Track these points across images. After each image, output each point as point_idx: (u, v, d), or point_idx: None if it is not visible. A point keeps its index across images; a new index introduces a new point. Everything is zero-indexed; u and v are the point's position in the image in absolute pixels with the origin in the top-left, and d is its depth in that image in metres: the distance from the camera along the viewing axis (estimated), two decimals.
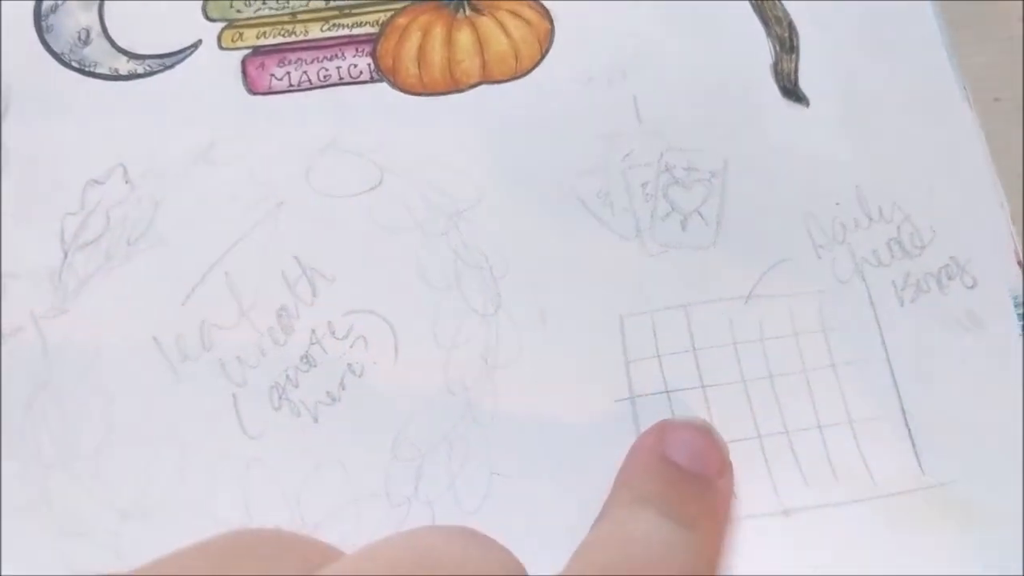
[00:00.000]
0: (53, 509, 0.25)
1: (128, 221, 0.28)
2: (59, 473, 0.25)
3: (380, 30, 0.31)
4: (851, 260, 0.27)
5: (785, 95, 0.30)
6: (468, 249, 0.28)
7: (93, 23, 0.31)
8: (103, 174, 0.29)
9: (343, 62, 0.30)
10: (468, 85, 0.30)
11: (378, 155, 0.29)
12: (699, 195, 0.28)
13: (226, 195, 0.28)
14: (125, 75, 0.30)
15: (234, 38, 0.31)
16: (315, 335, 0.27)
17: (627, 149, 0.29)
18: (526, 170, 0.29)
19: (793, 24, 0.31)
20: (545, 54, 0.30)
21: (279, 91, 0.30)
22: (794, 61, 0.30)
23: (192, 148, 0.29)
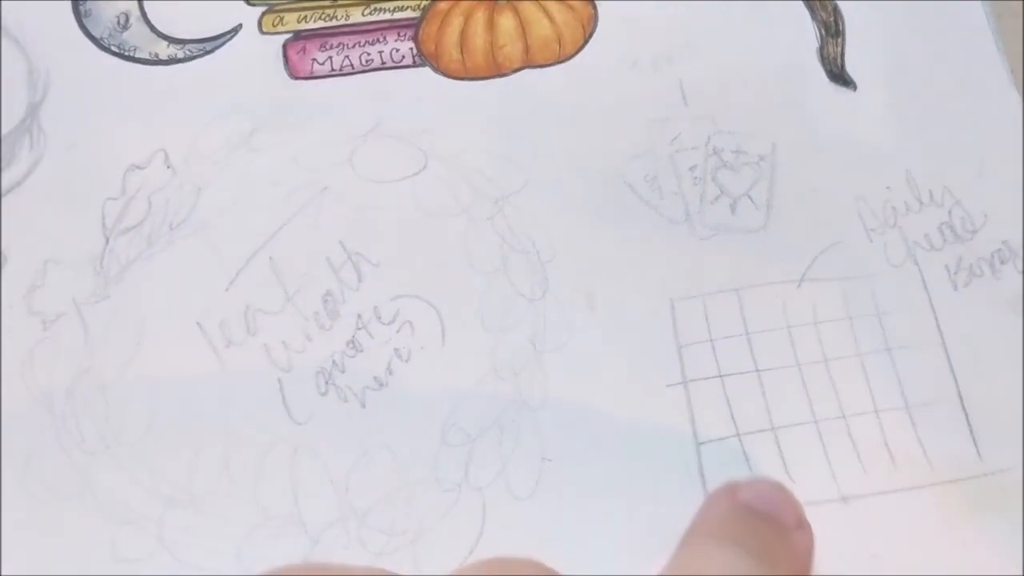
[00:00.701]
0: (98, 497, 0.24)
1: (170, 206, 0.28)
2: (103, 460, 0.25)
3: (422, 14, 0.31)
4: (903, 244, 0.27)
5: (832, 79, 0.29)
6: (514, 234, 0.27)
7: (132, 8, 0.31)
8: (144, 159, 0.28)
9: (385, 47, 0.30)
10: (511, 70, 0.30)
11: (422, 140, 0.29)
12: (748, 178, 0.28)
13: (269, 180, 0.28)
14: (165, 60, 0.30)
15: (275, 22, 0.30)
16: (361, 320, 0.26)
17: (674, 133, 0.29)
18: (572, 155, 0.28)
19: (838, 8, 0.30)
20: (589, 38, 0.30)
21: (321, 76, 0.30)
22: (840, 45, 0.30)
23: (234, 133, 0.29)
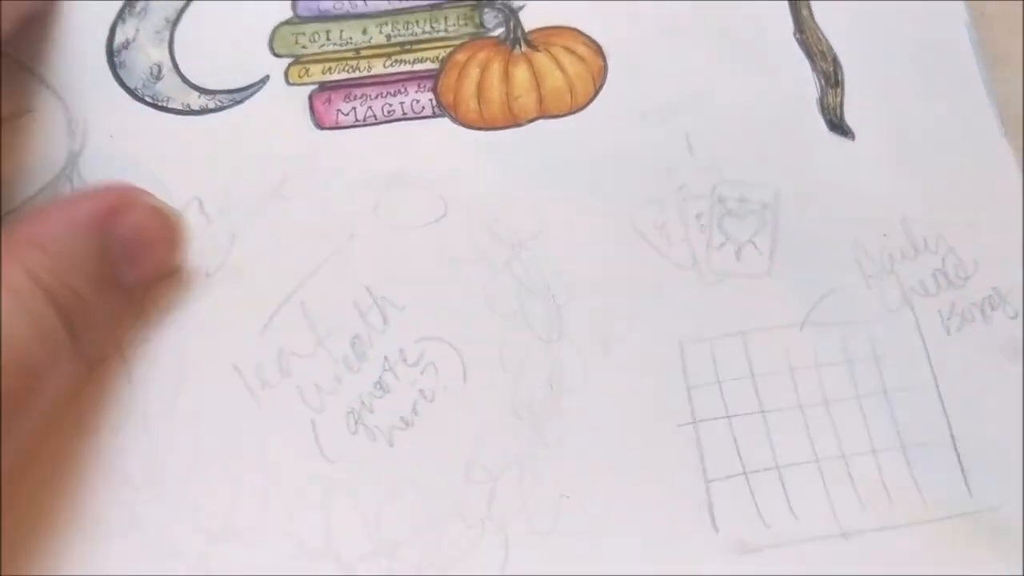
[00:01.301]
0: (145, 532, 0.26)
1: (206, 253, 0.29)
2: (148, 496, 0.26)
3: (440, 66, 0.32)
4: (899, 290, 0.29)
5: (832, 129, 0.31)
6: (531, 278, 0.29)
7: (164, 59, 0.32)
8: (180, 207, 0.30)
9: (406, 97, 0.32)
10: (526, 120, 0.31)
11: (442, 188, 0.30)
12: (752, 226, 0.30)
13: (299, 228, 0.30)
14: (197, 110, 0.31)
15: (301, 74, 0.32)
16: (387, 362, 0.28)
17: (681, 182, 0.30)
18: (585, 202, 0.30)
19: (837, 59, 0.32)
20: (599, 90, 0.32)
21: (346, 126, 0.31)
22: (839, 95, 0.31)
23: (265, 182, 0.30)
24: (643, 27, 0.32)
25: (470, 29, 0.32)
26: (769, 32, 0.32)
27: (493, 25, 0.32)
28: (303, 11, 0.33)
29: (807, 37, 0.32)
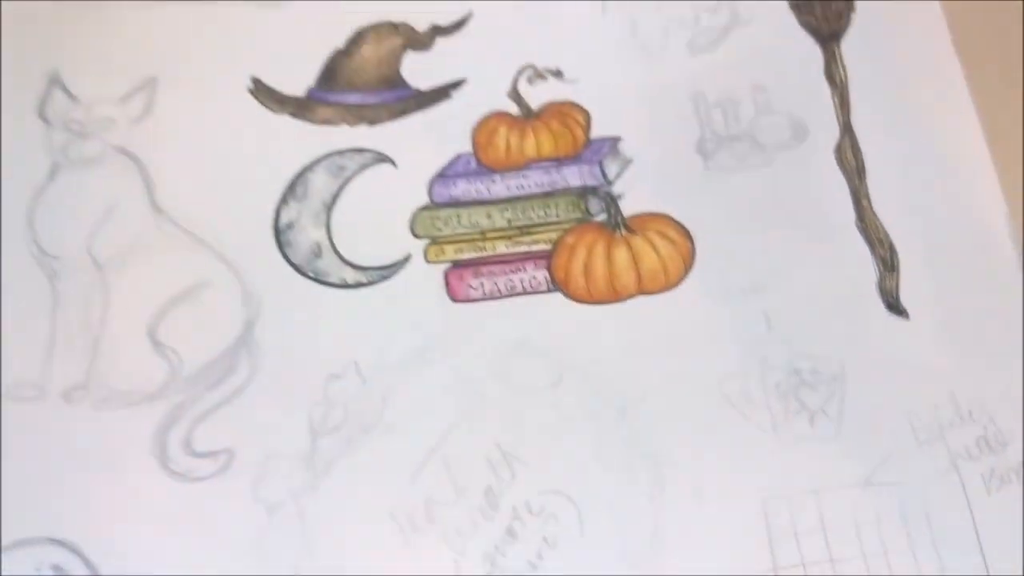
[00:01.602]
0: None
1: (363, 412, 0.35)
2: None
3: (553, 247, 0.38)
4: (947, 454, 0.34)
5: (889, 309, 0.37)
6: (636, 437, 0.35)
7: (323, 239, 0.38)
8: (340, 370, 0.36)
9: (525, 274, 0.38)
10: (627, 296, 0.37)
11: (558, 355, 0.36)
12: (823, 395, 0.35)
13: (439, 390, 0.35)
14: (352, 284, 0.38)
15: (437, 253, 0.38)
16: (516, 511, 0.34)
17: (762, 355, 0.36)
18: (679, 370, 0.36)
19: (894, 246, 0.37)
20: (689, 270, 0.37)
21: (475, 299, 0.37)
22: (895, 279, 0.37)
23: (410, 348, 0.36)
24: (725, 216, 0.38)
25: (577, 215, 0.38)
26: (834, 221, 0.38)
27: (597, 211, 0.38)
28: (438, 198, 0.39)
29: (867, 226, 0.38)
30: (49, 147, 0.40)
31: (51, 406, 0.35)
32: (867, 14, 0.41)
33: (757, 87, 0.40)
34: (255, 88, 0.41)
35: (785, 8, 0.42)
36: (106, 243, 0.38)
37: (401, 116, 0.40)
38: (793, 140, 0.39)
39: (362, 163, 0.39)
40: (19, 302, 0.37)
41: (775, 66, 0.40)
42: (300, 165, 0.39)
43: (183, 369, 0.36)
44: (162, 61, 0.41)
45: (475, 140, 0.40)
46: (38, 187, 0.39)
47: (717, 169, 0.39)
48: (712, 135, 0.39)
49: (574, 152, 0.39)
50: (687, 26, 0.41)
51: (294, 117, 0.40)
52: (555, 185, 0.39)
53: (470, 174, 0.39)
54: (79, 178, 0.39)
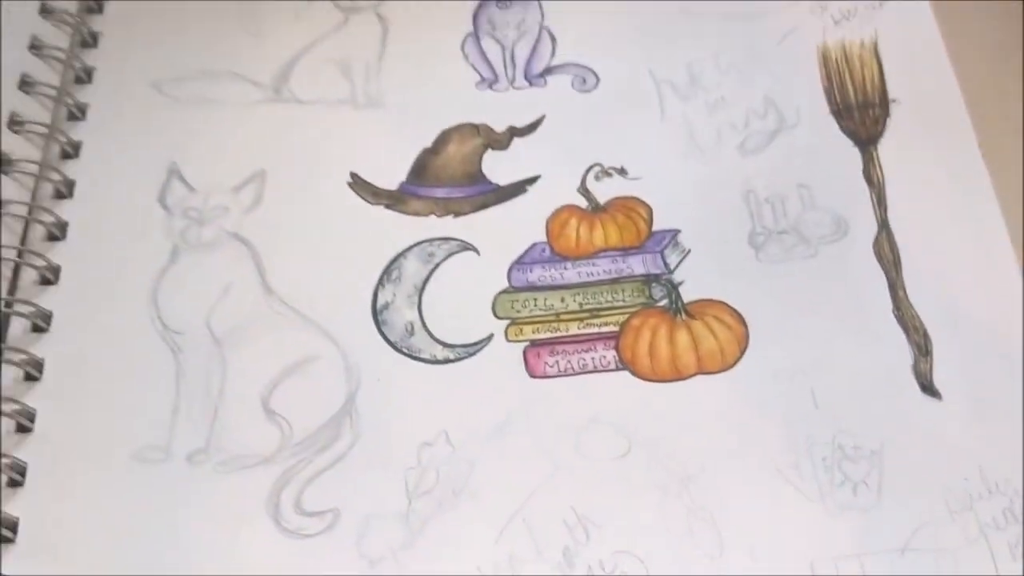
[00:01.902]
0: None
1: (452, 476, 0.40)
2: None
3: (620, 329, 0.43)
4: (977, 524, 0.38)
5: (923, 391, 0.41)
6: (697, 506, 0.39)
7: (415, 319, 0.43)
8: (432, 437, 0.40)
9: (595, 354, 0.42)
10: (688, 375, 0.42)
11: (626, 429, 0.40)
12: (864, 468, 0.39)
13: (521, 458, 0.40)
14: (441, 360, 0.42)
15: (516, 333, 0.43)
16: (590, 569, 0.38)
17: (808, 431, 0.40)
18: (736, 444, 0.40)
19: (928, 332, 0.42)
20: (744, 351, 0.42)
21: (551, 376, 0.42)
22: (929, 363, 0.41)
23: (493, 419, 0.41)
24: (775, 303, 0.42)
25: (642, 300, 0.43)
26: (873, 309, 0.42)
27: (660, 297, 0.43)
28: (516, 283, 0.44)
29: (903, 314, 0.42)
30: (170, 232, 0.45)
31: (175, 468, 0.40)
32: (901, 121, 0.46)
33: (802, 185, 0.45)
34: (353, 182, 0.46)
35: (827, 114, 0.46)
36: (223, 320, 0.43)
37: (483, 208, 0.45)
38: (835, 234, 0.44)
39: (449, 250, 0.44)
40: (147, 374, 0.42)
41: (818, 166, 0.45)
42: (394, 252, 0.44)
43: (293, 436, 0.40)
44: (270, 156, 0.47)
45: (549, 230, 0.45)
46: (161, 269, 0.44)
47: (767, 260, 0.43)
48: (762, 228, 0.44)
49: (638, 243, 0.44)
50: (738, 130, 0.46)
51: (388, 208, 0.45)
52: (621, 272, 0.43)
53: (545, 261, 0.44)
54: (197, 260, 0.44)
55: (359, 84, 0.48)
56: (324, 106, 0.48)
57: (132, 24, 0.51)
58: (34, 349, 0.42)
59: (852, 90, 0.47)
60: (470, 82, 0.48)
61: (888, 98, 0.46)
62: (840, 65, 0.47)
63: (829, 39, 0.48)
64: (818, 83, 0.47)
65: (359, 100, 0.47)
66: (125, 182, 0.46)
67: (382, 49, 0.49)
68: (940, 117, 0.46)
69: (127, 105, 0.48)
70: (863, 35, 0.48)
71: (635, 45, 0.49)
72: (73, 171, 0.47)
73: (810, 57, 0.48)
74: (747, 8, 0.49)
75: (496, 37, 0.49)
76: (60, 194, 0.46)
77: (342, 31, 0.49)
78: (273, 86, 0.48)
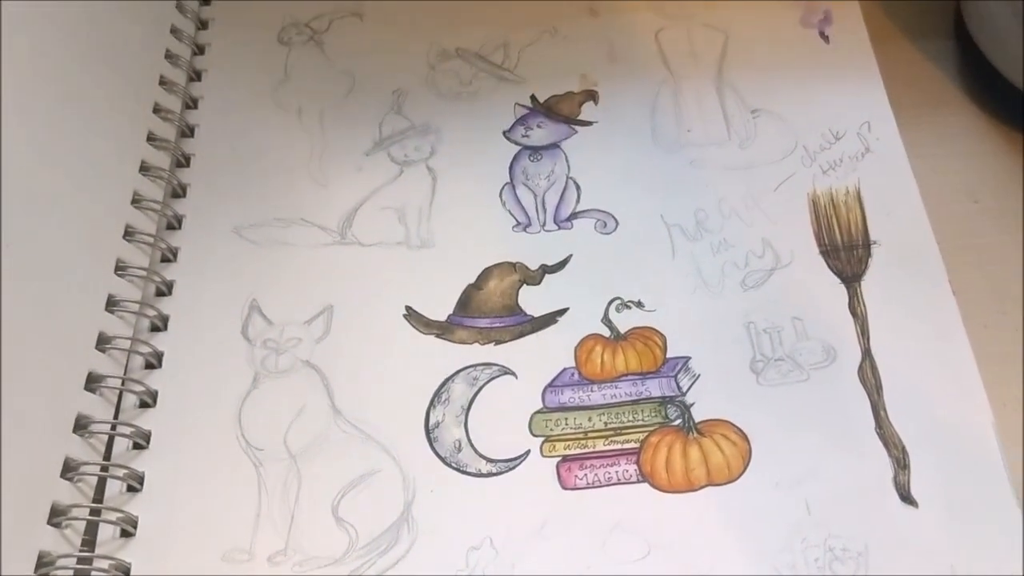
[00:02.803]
0: None
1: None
2: None
3: (640, 445, 0.49)
4: None
5: (902, 500, 0.47)
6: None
7: (463, 436, 0.50)
8: (478, 543, 0.47)
9: (619, 468, 0.49)
10: (699, 486, 0.48)
11: (646, 534, 0.47)
12: (851, 567, 0.45)
13: (556, 560, 0.46)
14: (485, 473, 0.49)
15: (550, 449, 0.50)
16: None
17: (804, 535, 0.47)
18: (741, 548, 0.46)
19: (906, 448, 0.48)
20: (747, 465, 0.49)
21: (581, 487, 0.49)
22: (907, 475, 0.48)
23: (530, 526, 0.47)
24: (774, 422, 0.49)
25: (659, 419, 0.50)
26: (858, 427, 0.49)
27: (674, 417, 0.50)
28: (549, 403, 0.51)
29: (884, 432, 0.49)
30: (252, 361, 0.52)
31: (258, 567, 0.47)
32: (881, 260, 0.53)
33: (796, 317, 0.52)
34: (408, 314, 0.53)
35: (816, 254, 0.54)
36: (298, 438, 0.50)
37: (520, 337, 0.53)
38: (825, 361, 0.51)
39: (491, 375, 0.51)
40: (233, 485, 0.49)
41: (809, 301, 0.52)
42: (444, 376, 0.51)
43: (359, 540, 0.47)
44: (337, 292, 0.54)
45: (577, 356, 0.52)
46: (244, 393, 0.51)
47: (767, 384, 0.50)
48: (762, 356, 0.51)
49: (655, 368, 0.51)
50: (739, 268, 0.54)
51: (438, 337, 0.53)
52: (640, 395, 0.50)
53: (574, 384, 0.51)
54: (275, 385, 0.52)
55: (412, 228, 0.55)
56: (383, 248, 0.55)
57: (216, 177, 0.59)
58: (135, 464, 0.49)
59: (839, 232, 0.54)
60: (507, 225, 0.56)
61: (870, 239, 0.54)
62: (828, 210, 0.55)
63: (818, 187, 0.55)
64: (808, 226, 0.54)
65: (413, 242, 0.55)
66: (212, 317, 0.54)
67: (432, 197, 0.56)
68: (915, 256, 0.53)
69: (212, 248, 0.56)
70: (847, 183, 0.55)
71: (649, 194, 0.56)
72: (168, 308, 0.54)
73: (801, 203, 0.55)
74: (746, 159, 0.57)
75: (529, 186, 0.57)
76: (155, 327, 0.53)
77: (397, 181, 0.57)
78: (339, 231, 0.55)
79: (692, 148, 0.58)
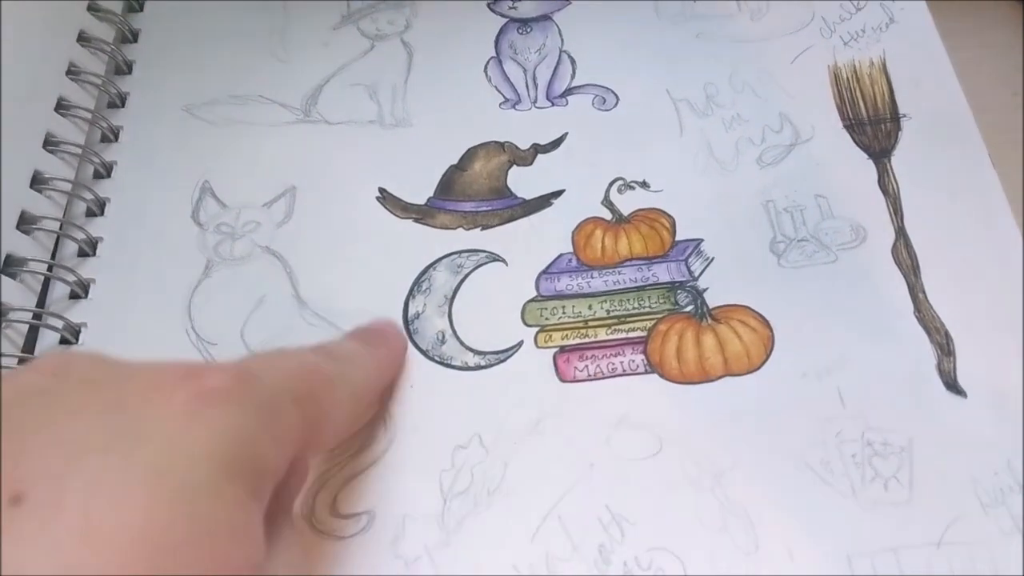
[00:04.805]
0: None
1: (487, 477, 0.40)
2: None
3: (648, 334, 0.43)
4: (1010, 517, 0.38)
5: (948, 388, 0.41)
6: (731, 502, 0.39)
7: (446, 327, 0.44)
8: (465, 440, 0.41)
9: (624, 358, 0.43)
10: (716, 377, 0.42)
11: (657, 429, 0.41)
12: (894, 464, 0.40)
13: (553, 458, 0.40)
14: (472, 367, 0.43)
15: (545, 340, 0.43)
16: (626, 567, 0.38)
17: (838, 428, 0.41)
18: (765, 442, 0.40)
19: (949, 333, 0.43)
20: (770, 353, 0.43)
21: (581, 380, 0.42)
22: (952, 362, 0.42)
23: (526, 422, 0.41)
24: (799, 306, 0.43)
25: (668, 306, 0.44)
26: (894, 311, 0.43)
27: (685, 303, 0.44)
28: (544, 291, 0.44)
29: (923, 316, 0.43)
30: (203, 246, 0.46)
31: None
32: (913, 134, 0.47)
33: (820, 195, 0.46)
34: (382, 197, 0.47)
35: (840, 128, 0.48)
36: (257, 331, 0.43)
37: (510, 221, 0.46)
38: (854, 241, 0.45)
39: (477, 262, 0.45)
40: None
41: (834, 178, 0.47)
42: (424, 264, 0.45)
43: None
44: (300, 174, 0.48)
45: (575, 242, 0.46)
46: (195, 282, 0.45)
47: (789, 266, 0.44)
48: (783, 237, 0.45)
49: (662, 252, 0.45)
50: (755, 144, 0.48)
51: (417, 222, 0.46)
52: (647, 280, 0.44)
53: (571, 271, 0.45)
54: (231, 273, 0.45)
55: (386, 106, 0.49)
56: (353, 126, 0.49)
57: (166, 53, 0.52)
58: None
59: (864, 107, 0.48)
60: (494, 102, 0.50)
61: (899, 113, 0.48)
62: (851, 83, 0.49)
63: (839, 59, 0.50)
64: (830, 100, 0.49)
65: (387, 120, 0.49)
66: (158, 200, 0.47)
67: (407, 73, 0.50)
68: (950, 129, 0.47)
69: (160, 127, 0.49)
70: (871, 55, 0.50)
71: (652, 67, 0.50)
72: (106, 190, 0.47)
73: (822, 76, 0.49)
74: (759, 32, 0.51)
75: (518, 61, 0.50)
76: (91, 212, 0.46)
77: (368, 57, 0.51)
78: (303, 108, 0.49)
79: (698, 20, 0.52)
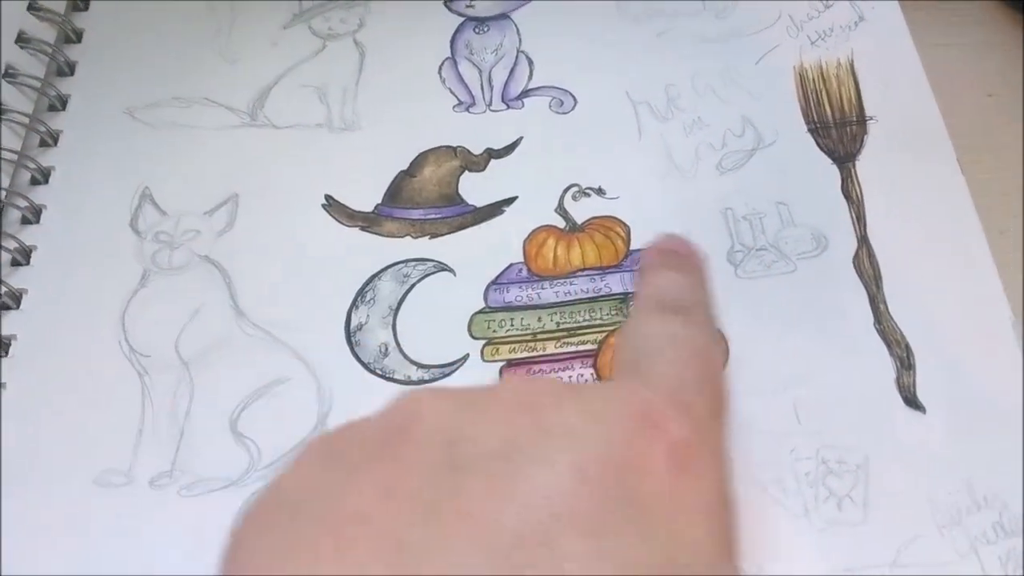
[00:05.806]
0: None
1: None
2: None
3: (598, 347, 0.42)
4: (966, 538, 0.37)
5: (907, 404, 0.40)
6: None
7: (390, 340, 0.42)
8: None
9: (573, 372, 0.41)
10: None
11: None
12: (849, 482, 0.38)
13: None
14: (416, 381, 0.41)
15: (492, 352, 0.42)
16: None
17: (792, 446, 0.39)
18: None
19: (910, 346, 0.41)
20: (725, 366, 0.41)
21: None
22: (912, 376, 0.40)
23: None
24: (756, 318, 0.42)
25: (620, 317, 0.42)
26: (854, 323, 0.41)
27: None
28: (492, 303, 0.43)
29: (884, 328, 0.41)
30: (140, 255, 0.44)
31: (138, 491, 0.39)
32: (879, 138, 0.46)
33: (781, 203, 0.44)
34: (328, 204, 0.45)
35: (804, 132, 0.46)
36: (192, 342, 0.42)
37: (459, 230, 0.45)
38: (815, 250, 0.43)
39: (424, 271, 0.43)
40: (111, 397, 0.41)
41: (797, 184, 0.45)
42: (369, 273, 0.43)
43: (262, 458, 0.39)
44: (244, 180, 0.46)
45: (526, 251, 0.44)
46: (130, 292, 0.43)
47: (746, 276, 0.43)
48: (741, 245, 0.43)
49: (615, 261, 0.43)
50: (715, 149, 0.46)
51: (364, 230, 0.45)
52: (599, 291, 0.43)
53: (522, 282, 0.43)
54: (167, 283, 0.43)
55: (335, 108, 0.47)
56: (300, 130, 0.47)
57: (111, 53, 0.51)
58: None
59: (829, 109, 0.46)
60: (447, 105, 0.48)
61: (865, 115, 0.46)
62: (817, 84, 0.47)
63: (806, 59, 0.48)
64: (795, 102, 0.47)
65: (335, 124, 0.47)
66: (95, 207, 0.45)
67: (359, 74, 0.49)
68: (918, 132, 0.45)
69: (100, 131, 0.48)
70: (839, 55, 0.48)
71: (612, 68, 0.48)
72: (42, 197, 0.46)
73: (787, 77, 0.48)
74: (723, 30, 0.49)
75: (473, 61, 0.49)
76: (27, 220, 0.45)
77: (319, 57, 0.49)
78: (249, 111, 0.47)
79: (661, 18, 0.50)
